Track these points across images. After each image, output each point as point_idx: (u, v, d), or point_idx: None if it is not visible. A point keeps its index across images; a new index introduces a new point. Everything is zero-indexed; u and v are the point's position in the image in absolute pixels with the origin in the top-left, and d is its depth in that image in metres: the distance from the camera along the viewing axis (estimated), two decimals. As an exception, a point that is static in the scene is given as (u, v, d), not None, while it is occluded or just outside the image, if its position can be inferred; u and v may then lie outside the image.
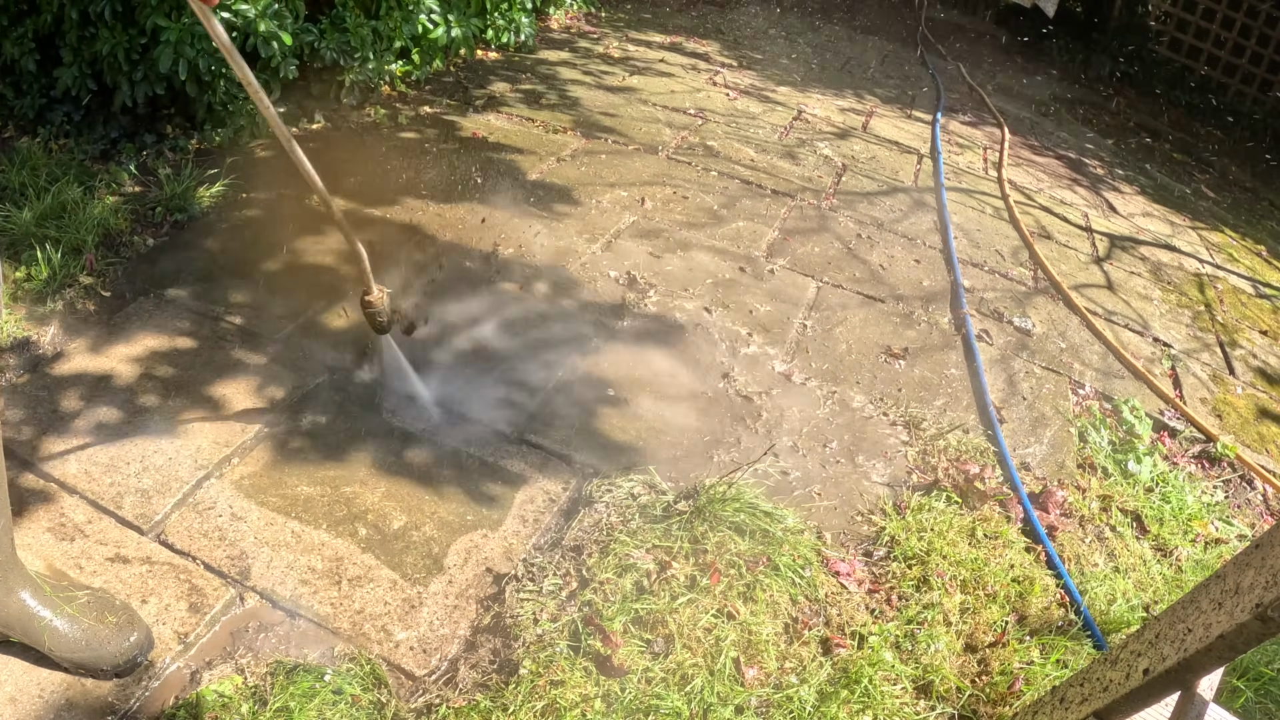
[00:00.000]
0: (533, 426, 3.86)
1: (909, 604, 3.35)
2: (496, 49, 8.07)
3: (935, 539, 3.63)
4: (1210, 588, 1.94)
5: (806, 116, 8.28)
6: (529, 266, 4.91)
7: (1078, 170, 8.92)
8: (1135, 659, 2.10)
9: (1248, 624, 1.78)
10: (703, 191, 6.19)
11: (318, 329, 4.18)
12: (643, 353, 4.44)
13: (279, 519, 3.22)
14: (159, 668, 2.69)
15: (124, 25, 4.87)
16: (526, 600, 3.06)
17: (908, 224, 6.45)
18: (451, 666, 2.87)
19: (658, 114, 7.44)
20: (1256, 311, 6.76)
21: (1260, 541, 1.85)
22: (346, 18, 5.81)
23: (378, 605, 3.00)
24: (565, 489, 3.59)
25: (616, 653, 2.88)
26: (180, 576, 2.96)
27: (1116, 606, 3.58)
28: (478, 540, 3.29)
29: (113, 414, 3.51)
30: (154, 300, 4.18)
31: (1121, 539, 3.99)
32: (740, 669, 2.95)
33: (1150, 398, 5.05)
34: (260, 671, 2.73)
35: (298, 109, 5.90)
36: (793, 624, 3.17)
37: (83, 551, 2.97)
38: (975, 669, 3.19)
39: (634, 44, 9.38)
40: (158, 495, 3.20)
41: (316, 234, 4.81)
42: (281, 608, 2.94)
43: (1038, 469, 4.30)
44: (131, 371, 3.74)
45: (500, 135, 6.42)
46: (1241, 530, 4.32)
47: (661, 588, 3.13)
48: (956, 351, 5.02)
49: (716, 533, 3.36)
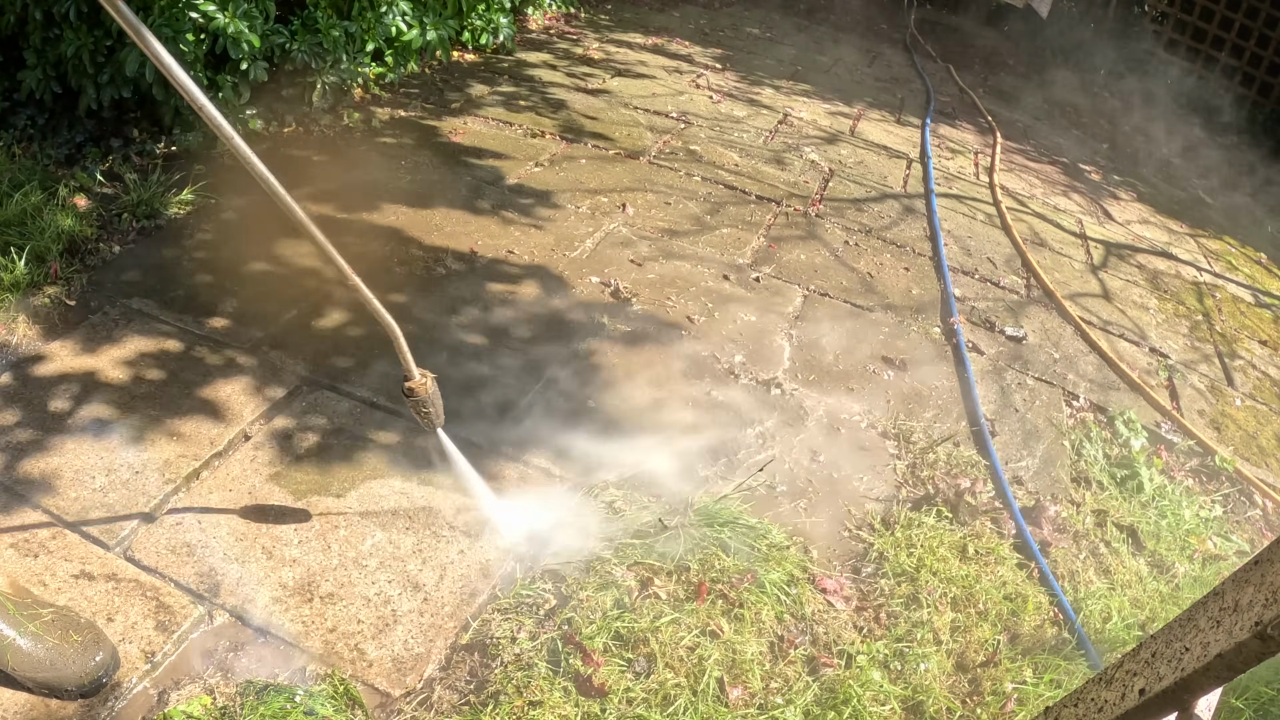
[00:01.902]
0: (510, 439, 3.88)
1: (898, 622, 3.37)
2: (474, 50, 8.09)
3: (925, 555, 3.66)
4: (1208, 605, 1.95)
5: (793, 120, 8.31)
6: (507, 274, 4.92)
7: (1073, 176, 8.97)
8: (1131, 679, 2.11)
9: (1247, 643, 1.78)
10: (686, 197, 6.22)
11: (292, 339, 4.19)
12: (625, 364, 4.45)
13: (250, 534, 3.23)
14: (125, 688, 2.70)
15: (89, 26, 4.88)
16: (505, 618, 3.08)
17: (897, 231, 6.48)
18: (427, 686, 2.88)
19: (639, 117, 7.47)
20: (1256, 321, 6.80)
21: (1260, 557, 1.86)
22: (318, 18, 5.82)
23: (351, 623, 3.01)
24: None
25: (597, 672, 2.89)
26: (147, 594, 2.96)
27: (1112, 625, 3.60)
28: (454, 556, 3.31)
29: (78, 427, 3.52)
30: (121, 310, 4.18)
31: (1117, 555, 4.02)
32: (724, 689, 2.96)
33: (1147, 410, 5.08)
34: (229, 691, 2.74)
35: (268, 112, 5.90)
36: (779, 642, 3.18)
37: (47, 568, 2.97)
38: (966, 689, 3.20)
39: (615, 45, 9.41)
40: (124, 510, 3.21)
41: (290, 241, 4.82)
42: (252, 626, 2.95)
43: (1031, 483, 4.33)
44: (97, 383, 3.74)
45: (477, 139, 6.44)
46: (1241, 546, 4.34)
47: (644, 605, 3.15)
48: (947, 362, 5.05)
49: (700, 549, 3.38)
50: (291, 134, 5.96)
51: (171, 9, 4.87)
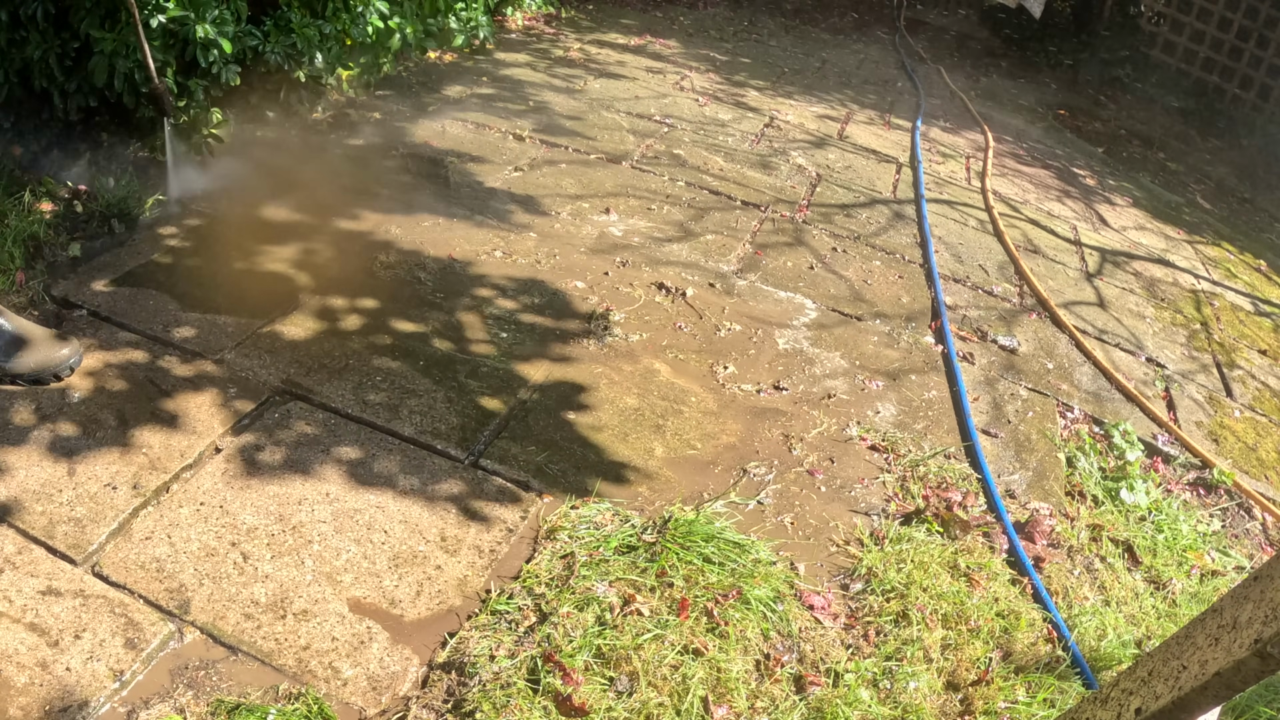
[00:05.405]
0: (488, 452, 3.89)
1: (887, 639, 3.38)
2: (452, 50, 8.10)
3: (915, 570, 3.67)
4: (1206, 622, 1.97)
5: (779, 123, 8.34)
6: (487, 280, 4.93)
7: (1067, 180, 9.01)
8: (1127, 697, 2.13)
9: (1246, 661, 1.80)
10: (670, 203, 6.24)
11: (264, 347, 4.19)
12: (606, 373, 4.47)
13: (221, 549, 3.23)
14: (93, 707, 2.70)
15: (56, 30, 4.87)
16: (483, 635, 3.09)
17: (886, 237, 6.51)
18: (403, 705, 2.89)
19: (622, 120, 7.49)
20: (1255, 330, 6.83)
21: (1259, 573, 1.88)
22: (292, 19, 5.81)
23: (325, 641, 3.02)
24: (524, 518, 3.62)
25: (577, 691, 2.90)
26: (116, 611, 2.97)
27: (1107, 642, 3.62)
28: (431, 572, 3.32)
29: (44, 438, 3.51)
30: (88, 318, 4.18)
31: (1112, 570, 4.04)
32: (709, 709, 2.98)
33: (1143, 421, 5.11)
34: (200, 711, 2.74)
35: (240, 115, 5.90)
36: (764, 660, 3.20)
37: (12, 584, 2.97)
38: (957, 709, 3.22)
39: (596, 46, 9.44)
40: (92, 525, 3.21)
41: (263, 246, 4.83)
42: (223, 643, 2.96)
43: (1023, 496, 4.35)
44: (63, 394, 3.74)
45: (455, 142, 6.46)
46: (1239, 561, 4.36)
47: (625, 622, 3.16)
48: (938, 372, 5.07)
49: (685, 564, 3.40)
50: (264, 137, 5.96)
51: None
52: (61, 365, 3.73)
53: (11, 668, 2.72)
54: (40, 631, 2.84)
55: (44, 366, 3.68)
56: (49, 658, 2.78)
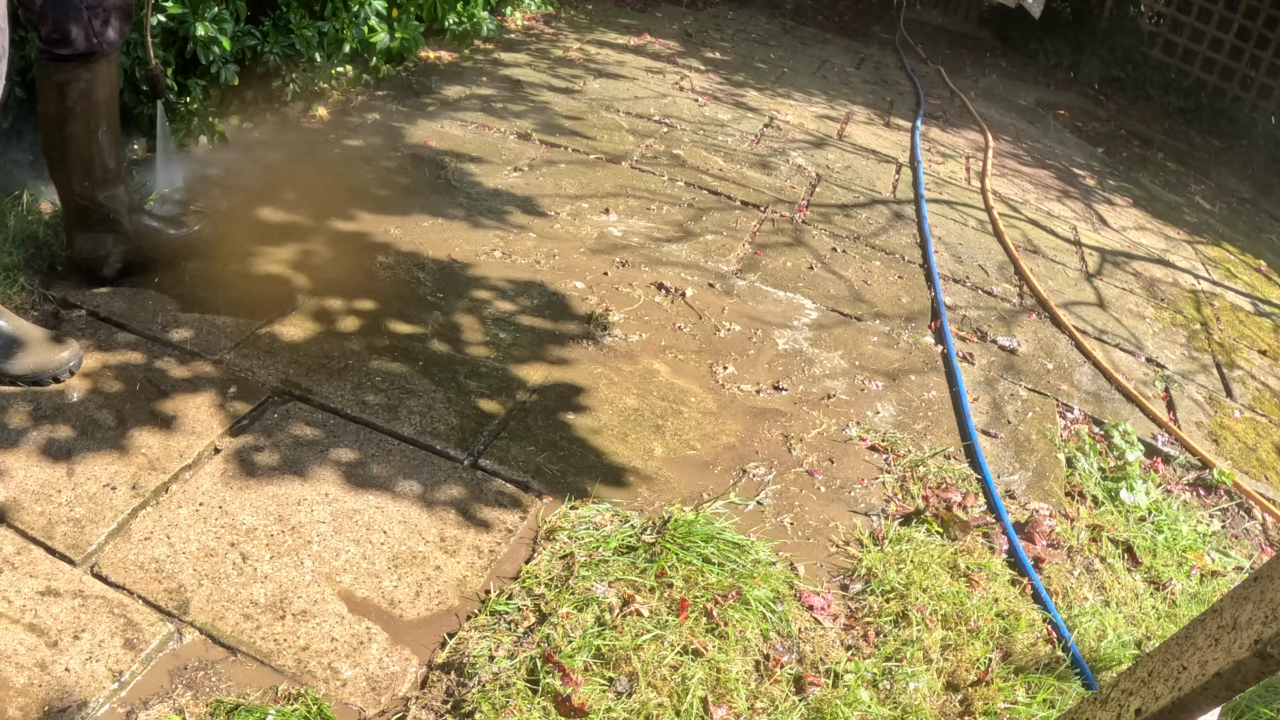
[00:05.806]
0: (488, 453, 3.89)
1: (887, 640, 3.39)
2: (451, 50, 8.10)
3: (915, 571, 3.68)
4: (1206, 623, 1.97)
5: (779, 123, 8.35)
6: (486, 281, 4.94)
7: (1067, 181, 9.02)
8: (1127, 698, 2.13)
9: (1246, 661, 1.80)
10: (670, 203, 6.25)
11: (263, 348, 4.20)
12: (605, 373, 4.47)
13: (220, 550, 3.24)
14: (92, 707, 2.70)
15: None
16: (482, 636, 3.09)
17: (886, 238, 6.52)
18: (403, 706, 2.89)
19: (621, 120, 7.50)
20: (1255, 330, 6.85)
21: (1259, 574, 1.89)
22: (291, 19, 5.82)
23: (324, 641, 3.02)
24: (523, 518, 3.63)
25: (577, 691, 2.91)
26: (115, 611, 2.97)
27: (1107, 642, 3.63)
28: (430, 573, 3.32)
29: (42, 439, 3.51)
30: (87, 318, 4.18)
31: (1112, 571, 4.04)
32: (708, 709, 2.98)
33: (1143, 422, 5.12)
34: (199, 711, 2.75)
35: (239, 115, 5.90)
36: (764, 661, 3.20)
37: (11, 584, 2.98)
38: (957, 709, 3.23)
39: (596, 45, 9.44)
40: (91, 525, 3.21)
41: (262, 246, 4.82)
42: (222, 644, 2.96)
43: (1023, 496, 4.36)
44: (62, 394, 3.74)
45: (455, 142, 6.46)
46: (1239, 562, 4.37)
47: (625, 623, 3.17)
48: (938, 372, 5.08)
49: (684, 565, 3.40)
50: (262, 137, 5.96)
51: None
52: (60, 368, 3.72)
53: (10, 668, 2.73)
54: (39, 632, 2.84)
55: (42, 368, 3.68)
56: (48, 658, 2.78)
